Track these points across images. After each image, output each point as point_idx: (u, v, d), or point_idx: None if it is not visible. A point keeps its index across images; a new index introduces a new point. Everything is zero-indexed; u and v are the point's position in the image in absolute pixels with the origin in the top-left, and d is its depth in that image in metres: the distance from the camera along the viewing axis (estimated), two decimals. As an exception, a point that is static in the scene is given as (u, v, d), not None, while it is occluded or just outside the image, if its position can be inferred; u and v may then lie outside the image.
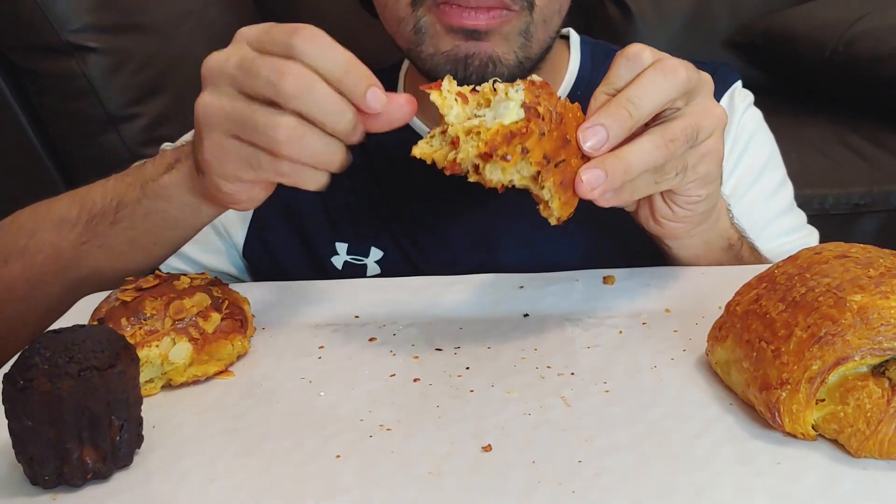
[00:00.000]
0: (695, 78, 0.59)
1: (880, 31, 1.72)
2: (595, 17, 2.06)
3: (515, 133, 0.53)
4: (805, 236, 0.91)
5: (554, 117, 0.55)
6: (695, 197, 0.64)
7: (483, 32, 0.74)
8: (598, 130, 0.56)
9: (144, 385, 0.58)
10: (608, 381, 0.58)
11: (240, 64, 0.57)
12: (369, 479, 0.49)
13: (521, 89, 0.55)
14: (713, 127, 0.61)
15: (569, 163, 0.56)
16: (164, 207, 0.69)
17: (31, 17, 1.34)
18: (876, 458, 0.48)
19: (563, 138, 0.56)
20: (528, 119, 0.54)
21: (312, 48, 0.55)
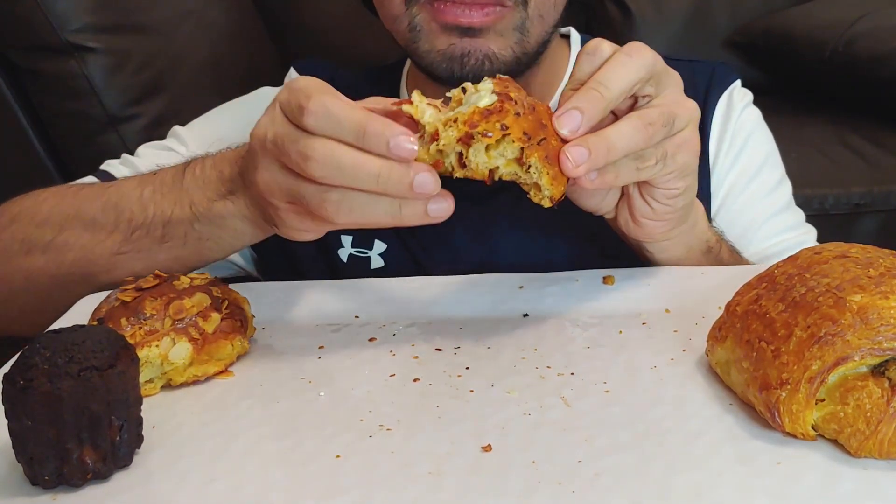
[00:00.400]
0: (660, 63, 0.60)
1: (880, 31, 1.72)
2: (595, 17, 2.06)
3: (492, 111, 0.54)
4: (803, 234, 0.91)
5: (526, 105, 0.56)
6: (673, 190, 0.64)
7: (478, 29, 0.74)
8: (572, 114, 0.57)
9: (144, 385, 0.58)
10: (608, 381, 0.58)
11: (274, 140, 0.57)
12: (369, 479, 0.49)
13: (490, 81, 0.56)
14: (687, 118, 0.62)
15: (549, 141, 0.56)
16: (219, 235, 0.69)
17: (31, 17, 1.34)
18: (876, 458, 0.48)
19: (539, 122, 0.56)
20: (501, 101, 0.54)
21: (324, 122, 0.54)
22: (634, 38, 0.75)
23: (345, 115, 0.54)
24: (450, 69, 0.76)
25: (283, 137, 0.56)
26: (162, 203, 0.71)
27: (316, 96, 0.55)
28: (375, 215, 0.56)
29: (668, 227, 0.68)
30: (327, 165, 0.54)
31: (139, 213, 0.71)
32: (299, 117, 0.55)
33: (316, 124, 0.54)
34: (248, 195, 0.66)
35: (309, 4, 2.04)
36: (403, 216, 0.56)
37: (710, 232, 0.75)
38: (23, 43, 1.37)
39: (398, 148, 0.53)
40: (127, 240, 0.72)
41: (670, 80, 0.61)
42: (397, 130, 0.53)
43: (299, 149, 0.55)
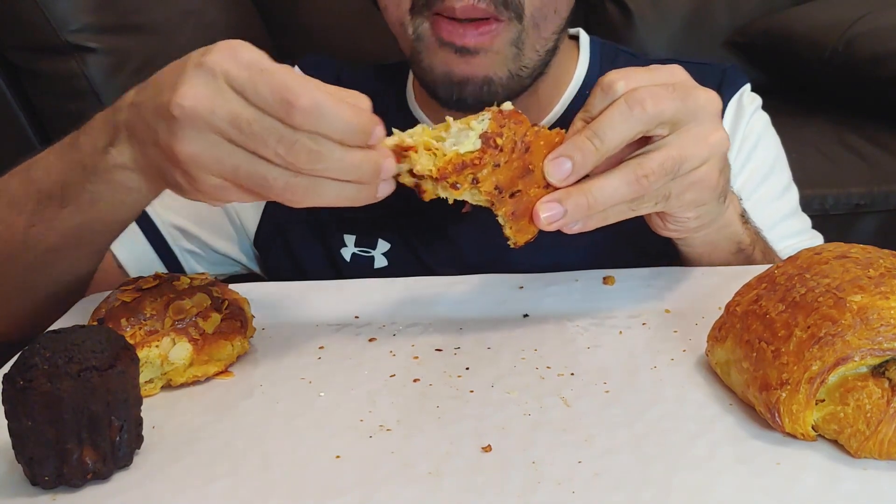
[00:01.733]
0: (672, 108, 0.57)
1: (880, 31, 1.72)
2: (595, 17, 2.06)
3: (467, 164, 0.55)
4: (809, 239, 0.91)
5: (518, 147, 0.56)
6: (682, 218, 0.63)
7: (473, 50, 0.75)
8: (563, 162, 0.57)
9: (144, 385, 0.58)
10: (608, 382, 0.58)
11: (233, 122, 0.53)
12: (369, 479, 0.49)
13: (487, 119, 0.56)
14: (705, 156, 0.59)
15: (526, 192, 0.58)
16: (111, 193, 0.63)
17: (31, 17, 1.34)
18: (876, 458, 0.48)
19: (525, 168, 0.57)
20: (483, 150, 0.56)
21: (313, 121, 0.52)
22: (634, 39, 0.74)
23: (336, 114, 0.53)
24: (450, 92, 0.77)
25: (254, 123, 0.53)
26: (60, 165, 0.66)
27: (305, 91, 0.52)
28: (338, 199, 0.56)
29: (686, 234, 0.67)
30: (315, 160, 0.53)
31: (45, 180, 0.67)
32: (284, 112, 0.52)
33: (305, 123, 0.52)
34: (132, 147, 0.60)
35: (309, 4, 2.04)
36: (359, 198, 0.57)
37: (744, 234, 0.74)
38: (23, 43, 1.37)
39: (377, 137, 0.55)
40: (35, 211, 0.68)
41: (694, 116, 0.58)
42: (375, 122, 0.55)
43: (286, 143, 0.53)
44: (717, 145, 0.59)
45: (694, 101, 0.58)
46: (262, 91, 0.53)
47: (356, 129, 0.54)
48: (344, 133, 0.53)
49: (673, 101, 0.57)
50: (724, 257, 0.74)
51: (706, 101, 0.59)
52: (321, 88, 0.53)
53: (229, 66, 0.54)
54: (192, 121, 0.54)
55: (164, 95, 0.55)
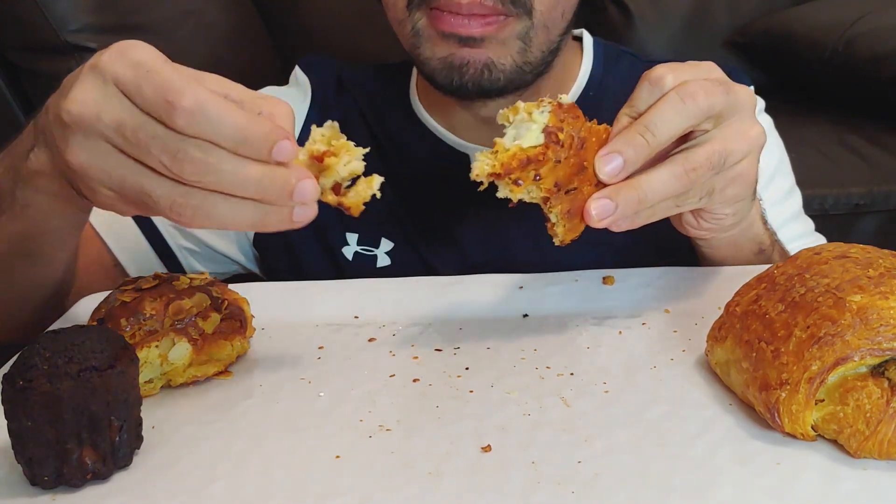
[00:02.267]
0: (721, 102, 0.57)
1: (880, 32, 1.72)
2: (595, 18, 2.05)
3: (532, 159, 0.54)
4: (813, 242, 0.90)
5: (575, 143, 0.55)
6: (720, 215, 0.63)
7: (478, 39, 0.74)
8: (614, 158, 0.56)
9: (144, 385, 0.58)
10: (608, 382, 0.58)
11: (118, 129, 0.49)
12: (369, 479, 0.49)
13: (547, 111, 0.55)
14: (746, 150, 0.59)
15: (581, 190, 0.56)
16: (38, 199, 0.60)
17: (31, 17, 1.34)
18: (875, 458, 0.48)
19: (581, 165, 0.56)
20: (546, 145, 0.54)
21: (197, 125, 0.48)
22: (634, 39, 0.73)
23: (223, 118, 0.48)
24: (449, 78, 0.76)
25: (139, 129, 0.49)
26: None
27: (189, 90, 0.48)
28: (235, 221, 0.51)
29: (715, 234, 0.66)
30: (203, 171, 0.48)
31: None
32: (166, 114, 0.48)
33: (188, 126, 0.48)
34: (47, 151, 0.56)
35: (309, 4, 2.03)
36: (267, 223, 0.52)
37: (765, 234, 0.74)
38: (23, 43, 1.37)
39: (280, 153, 0.49)
40: None
41: (735, 110, 0.58)
42: (279, 134, 0.49)
43: (170, 149, 0.48)
44: (756, 139, 0.60)
45: (735, 96, 0.58)
46: (146, 92, 0.48)
47: (249, 138, 0.48)
48: (234, 141, 0.49)
49: (721, 96, 0.57)
50: (746, 258, 0.74)
51: (746, 96, 0.59)
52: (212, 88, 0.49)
53: (118, 67, 0.50)
54: (80, 127, 0.50)
55: (61, 100, 0.51)
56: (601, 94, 0.89)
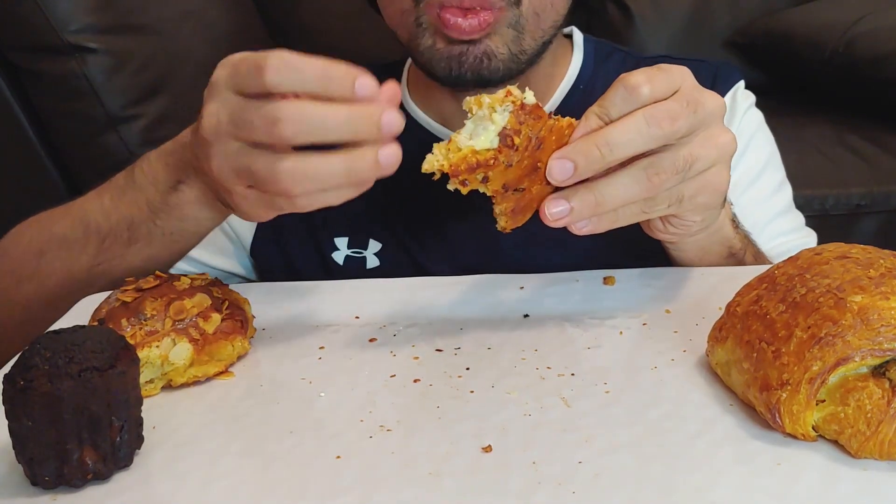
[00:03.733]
0: (686, 125, 0.56)
1: (880, 32, 1.72)
2: (595, 17, 2.05)
3: (481, 164, 0.54)
4: (804, 237, 0.91)
5: (532, 144, 0.55)
6: (689, 222, 0.63)
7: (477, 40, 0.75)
8: (565, 164, 0.56)
9: (145, 386, 0.58)
10: (608, 382, 0.58)
11: (231, 118, 0.56)
12: (369, 479, 0.49)
13: (508, 112, 0.54)
14: (715, 157, 0.59)
15: (529, 190, 0.57)
16: (181, 225, 0.70)
17: (32, 17, 1.34)
18: (876, 458, 0.48)
19: (534, 165, 0.56)
20: (499, 149, 0.54)
21: (287, 76, 0.53)
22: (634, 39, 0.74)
23: (305, 64, 0.53)
24: (448, 68, 0.76)
25: (243, 111, 0.55)
26: (121, 207, 0.72)
27: (272, 54, 0.54)
28: (330, 178, 0.55)
29: (682, 238, 0.67)
30: (297, 121, 0.53)
31: (104, 223, 0.72)
32: (259, 77, 0.53)
33: (279, 79, 0.53)
34: (200, 180, 0.66)
35: (309, 4, 2.03)
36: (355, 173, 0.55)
37: (735, 238, 0.74)
38: (23, 43, 1.37)
39: (363, 87, 0.54)
40: (99, 251, 0.73)
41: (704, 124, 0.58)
42: (359, 71, 0.54)
43: (264, 113, 0.54)
44: (726, 146, 0.60)
45: (704, 110, 0.58)
46: (243, 72, 0.55)
47: (331, 76, 0.53)
48: (319, 83, 0.53)
49: (687, 119, 0.56)
50: (715, 261, 0.74)
51: (715, 107, 0.59)
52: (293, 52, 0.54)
53: (221, 73, 0.57)
54: (212, 134, 0.57)
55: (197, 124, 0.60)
56: (591, 87, 0.90)
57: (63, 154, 1.48)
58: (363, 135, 0.54)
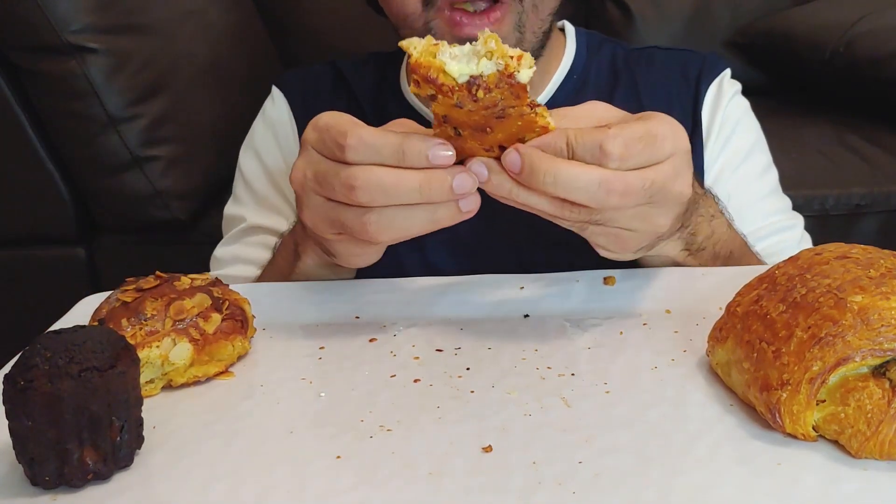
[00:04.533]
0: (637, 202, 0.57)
1: (880, 33, 1.72)
2: (595, 17, 2.06)
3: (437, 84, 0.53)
4: (791, 218, 0.94)
5: (495, 110, 0.54)
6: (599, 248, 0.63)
7: None
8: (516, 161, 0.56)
9: (145, 386, 0.58)
10: (608, 382, 0.58)
11: (315, 177, 0.61)
12: (369, 479, 0.49)
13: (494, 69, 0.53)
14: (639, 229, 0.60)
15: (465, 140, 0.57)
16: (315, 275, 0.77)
17: (32, 17, 1.34)
18: (876, 458, 0.48)
19: (484, 126, 0.55)
20: (461, 87, 0.53)
21: (364, 154, 0.57)
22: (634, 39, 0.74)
23: (382, 141, 0.57)
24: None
25: (325, 174, 0.59)
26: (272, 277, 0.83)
27: (351, 131, 0.58)
28: (414, 226, 0.59)
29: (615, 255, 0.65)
30: (371, 189, 0.57)
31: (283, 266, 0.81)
32: (339, 154, 0.58)
33: (356, 157, 0.57)
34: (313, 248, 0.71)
35: (309, 4, 2.04)
36: (438, 220, 0.59)
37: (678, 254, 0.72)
38: (24, 43, 1.37)
39: (437, 158, 0.56)
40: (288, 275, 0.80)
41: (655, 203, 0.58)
42: (433, 142, 0.57)
43: (342, 180, 0.58)
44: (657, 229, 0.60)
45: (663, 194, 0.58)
46: (327, 142, 0.59)
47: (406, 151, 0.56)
48: (395, 156, 0.57)
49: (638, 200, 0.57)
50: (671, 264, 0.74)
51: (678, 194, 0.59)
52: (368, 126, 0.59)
53: (310, 134, 0.61)
54: (300, 188, 0.62)
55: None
56: (585, 77, 0.93)
57: (63, 154, 1.48)
58: (436, 199, 0.57)
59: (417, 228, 0.59)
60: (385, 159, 0.57)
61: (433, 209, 0.58)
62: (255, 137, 1.00)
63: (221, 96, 1.61)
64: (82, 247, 1.57)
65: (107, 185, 1.47)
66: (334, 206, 0.60)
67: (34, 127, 1.45)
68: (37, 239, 1.56)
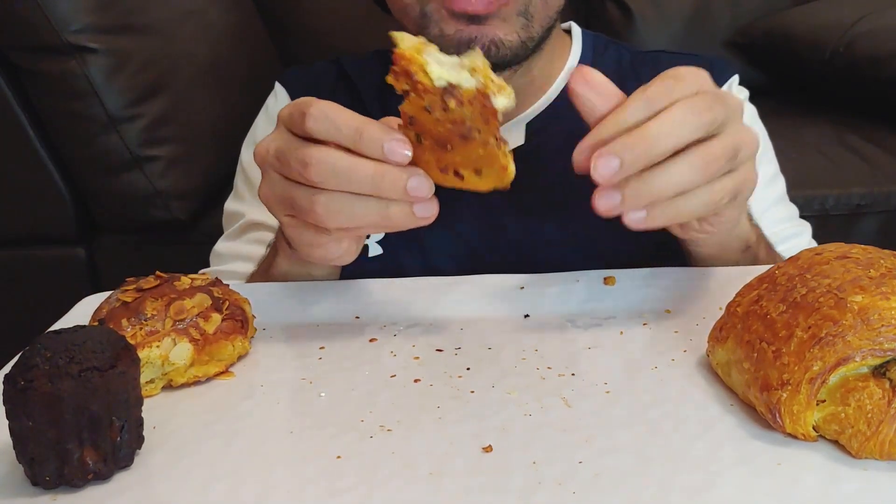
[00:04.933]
0: (722, 115, 0.56)
1: (881, 33, 1.72)
2: (595, 17, 2.06)
3: (413, 80, 0.53)
4: (799, 225, 0.94)
5: (461, 128, 0.53)
6: (726, 218, 0.63)
7: (483, 17, 0.77)
8: (610, 161, 0.53)
9: (145, 386, 0.58)
10: (608, 382, 0.58)
11: (276, 153, 0.60)
12: (369, 479, 0.49)
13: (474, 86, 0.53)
14: (751, 151, 0.58)
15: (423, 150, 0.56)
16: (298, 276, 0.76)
17: (32, 17, 1.34)
18: (877, 458, 0.48)
19: (445, 140, 0.55)
20: (434, 92, 0.53)
21: (323, 125, 0.57)
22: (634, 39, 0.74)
23: (343, 119, 0.56)
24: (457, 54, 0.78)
25: (285, 148, 0.59)
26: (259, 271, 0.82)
27: (317, 103, 0.57)
28: (363, 217, 0.58)
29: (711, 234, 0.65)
30: (324, 170, 0.56)
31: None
32: (301, 123, 0.57)
33: (315, 127, 0.57)
34: (283, 242, 0.71)
35: (309, 4, 2.04)
36: (390, 217, 0.58)
37: (751, 232, 0.74)
38: (24, 43, 1.37)
39: (392, 152, 0.55)
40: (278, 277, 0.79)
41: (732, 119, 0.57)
42: (393, 136, 0.55)
43: (298, 156, 0.57)
44: (754, 142, 0.59)
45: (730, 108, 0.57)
46: (295, 114, 0.58)
47: (364, 134, 0.55)
48: (352, 137, 0.56)
49: (721, 109, 0.56)
50: (733, 257, 0.74)
51: (737, 105, 0.59)
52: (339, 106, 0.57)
53: (285, 109, 0.60)
54: (260, 162, 0.62)
55: None
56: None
57: (63, 154, 1.48)
58: (387, 193, 0.56)
59: (368, 220, 0.58)
60: (342, 138, 0.56)
61: (385, 204, 0.57)
62: (257, 133, 1.00)
63: (221, 96, 1.61)
64: (82, 247, 1.57)
65: (107, 185, 1.47)
66: (289, 184, 0.59)
67: (34, 127, 1.45)
68: (37, 239, 1.56)
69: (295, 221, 0.62)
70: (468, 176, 0.57)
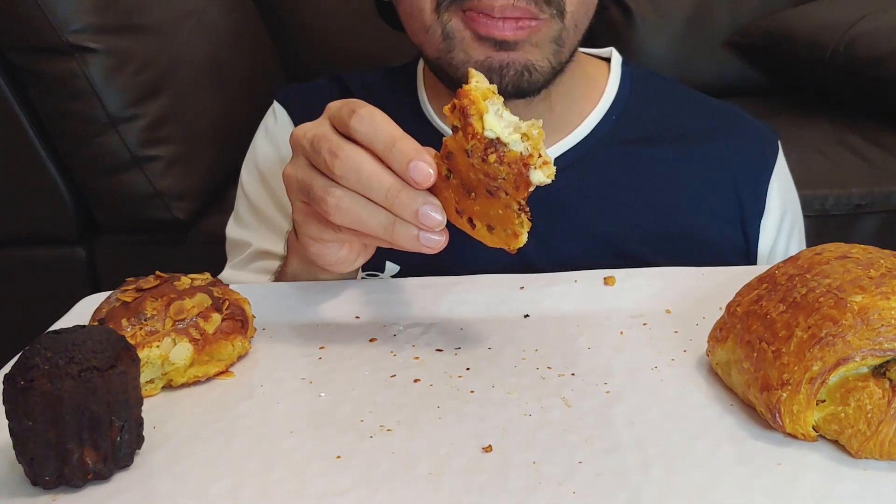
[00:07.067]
0: None
1: (880, 32, 1.72)
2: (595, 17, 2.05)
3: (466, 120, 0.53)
4: None
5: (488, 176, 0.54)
6: None
7: (512, 42, 0.74)
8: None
9: (145, 386, 0.58)
10: (608, 382, 0.58)
11: (311, 140, 0.60)
12: (369, 479, 0.49)
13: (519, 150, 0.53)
14: None
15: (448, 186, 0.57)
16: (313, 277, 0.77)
17: (32, 17, 1.34)
18: (876, 458, 0.48)
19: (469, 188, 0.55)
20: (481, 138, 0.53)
21: (366, 127, 0.57)
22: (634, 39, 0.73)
23: (383, 126, 0.57)
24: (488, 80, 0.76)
25: (321, 137, 0.59)
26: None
27: (368, 106, 0.58)
28: (369, 223, 0.58)
29: None
30: (349, 166, 0.57)
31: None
32: (346, 119, 0.58)
33: (358, 127, 0.57)
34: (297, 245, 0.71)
35: (310, 5, 2.04)
36: (395, 233, 0.58)
37: None
38: (24, 44, 1.37)
39: (416, 170, 0.55)
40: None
41: None
42: (423, 156, 0.56)
43: (332, 146, 0.58)
44: None
45: None
46: (344, 109, 0.59)
47: (397, 146, 0.56)
48: (385, 145, 0.56)
49: None
50: None
51: None
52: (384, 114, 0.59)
53: (337, 104, 0.60)
54: (295, 144, 0.62)
55: None
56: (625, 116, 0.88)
57: (63, 154, 1.48)
58: (397, 210, 0.57)
59: (372, 229, 0.58)
60: (377, 144, 0.57)
61: (393, 220, 0.57)
62: (258, 156, 0.96)
63: (221, 96, 1.61)
64: (82, 247, 1.57)
65: (107, 185, 1.47)
66: (313, 171, 0.60)
67: (34, 127, 1.45)
68: (37, 239, 1.56)
69: (306, 209, 0.63)
70: (479, 227, 0.57)
